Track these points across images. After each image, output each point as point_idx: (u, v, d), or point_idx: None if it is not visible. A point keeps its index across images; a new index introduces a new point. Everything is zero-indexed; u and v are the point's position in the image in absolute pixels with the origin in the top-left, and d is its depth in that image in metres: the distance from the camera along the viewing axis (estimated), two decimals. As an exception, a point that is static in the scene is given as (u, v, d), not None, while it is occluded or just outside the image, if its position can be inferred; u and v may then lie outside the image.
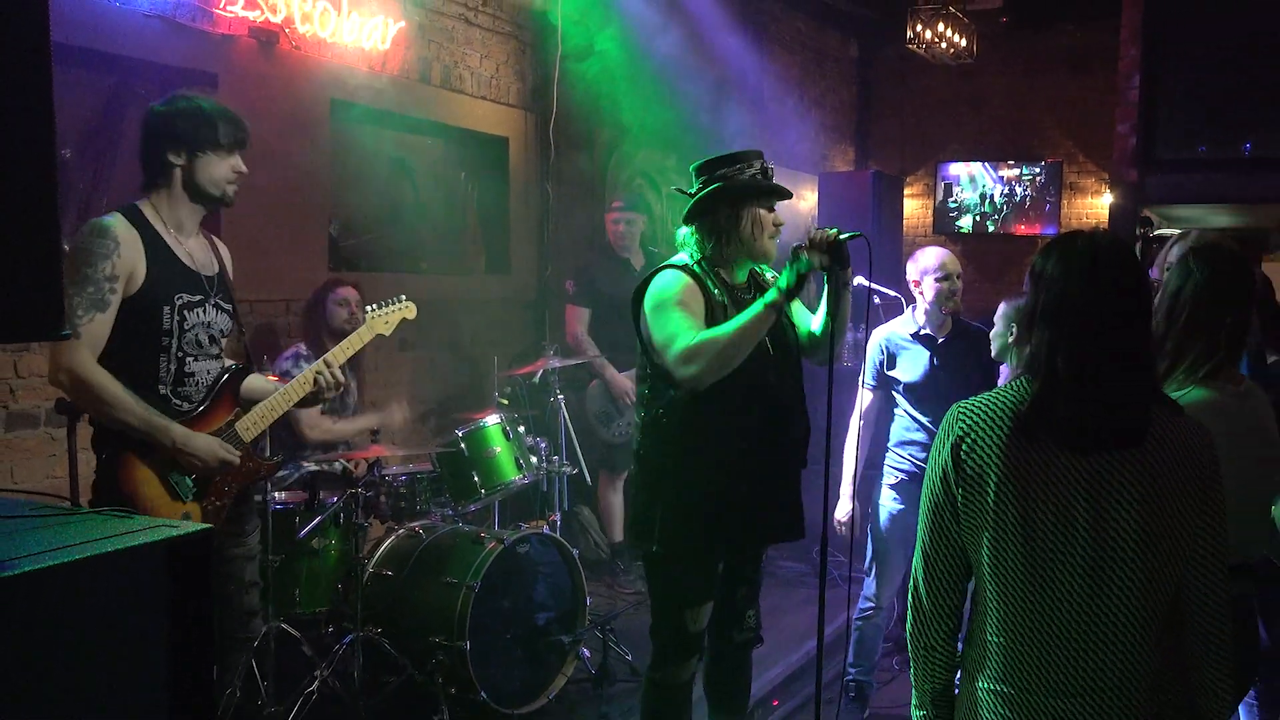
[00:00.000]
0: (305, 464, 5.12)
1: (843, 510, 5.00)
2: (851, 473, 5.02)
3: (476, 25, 7.19)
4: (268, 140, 5.71)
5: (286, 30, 5.75)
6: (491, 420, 5.32)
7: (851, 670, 5.12)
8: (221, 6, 5.44)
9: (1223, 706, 2.35)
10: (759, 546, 3.99)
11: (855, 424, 4.99)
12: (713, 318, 3.57)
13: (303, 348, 5.33)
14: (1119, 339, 2.25)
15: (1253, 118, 9.49)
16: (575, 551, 5.25)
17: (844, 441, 5.03)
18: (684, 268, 3.67)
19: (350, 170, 6.47)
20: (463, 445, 5.19)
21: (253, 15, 5.57)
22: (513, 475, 5.29)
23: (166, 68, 5.27)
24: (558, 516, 5.89)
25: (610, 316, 6.65)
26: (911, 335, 4.91)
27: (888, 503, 4.98)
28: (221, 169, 3.58)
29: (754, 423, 3.66)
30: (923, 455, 4.83)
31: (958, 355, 4.90)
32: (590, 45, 7.41)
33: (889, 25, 10.79)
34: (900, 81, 12.15)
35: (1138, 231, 10.80)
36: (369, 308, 4.27)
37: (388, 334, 4.32)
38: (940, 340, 4.84)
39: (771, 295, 3.47)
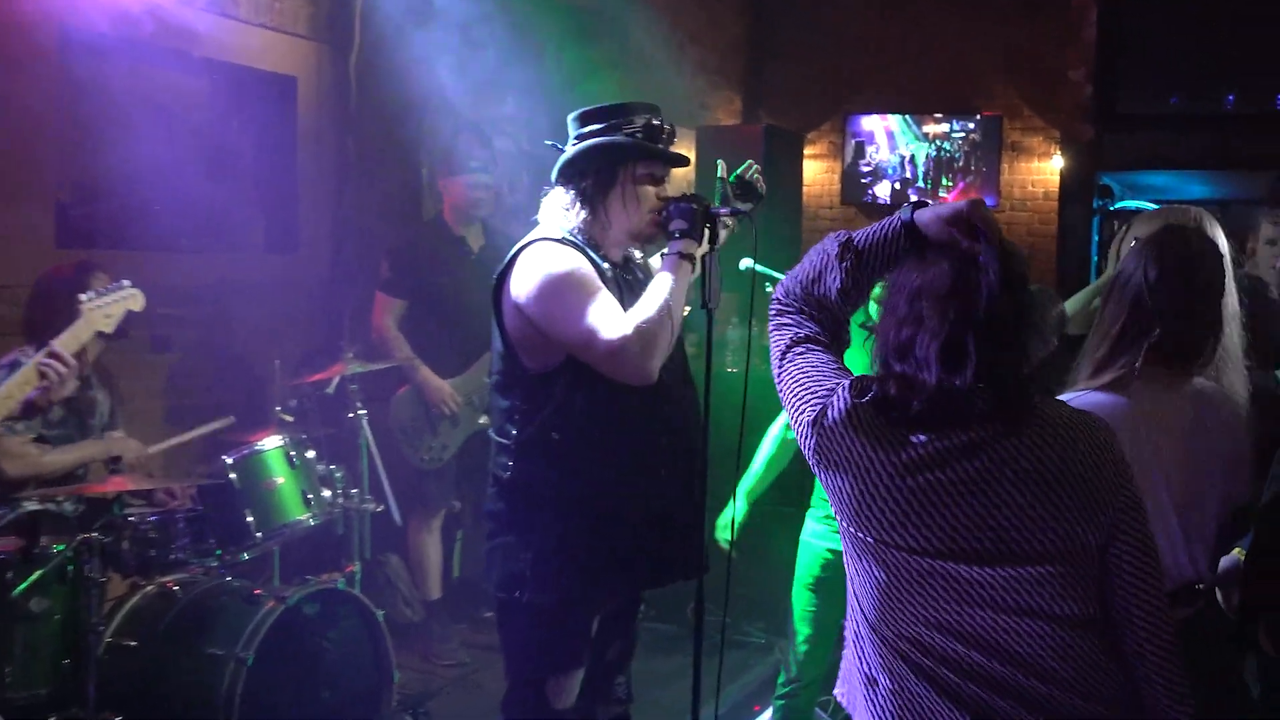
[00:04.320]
0: (24, 503, 5.01)
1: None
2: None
3: (254, -70, 7.15)
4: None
5: (-2, -67, 5.66)
6: (271, 443, 5.34)
7: None
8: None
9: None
10: (654, 586, 4.03)
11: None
12: None
13: (28, 353, 5.17)
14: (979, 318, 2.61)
15: (1238, 65, 9.68)
16: (380, 613, 5.31)
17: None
18: (560, 240, 3.69)
19: (87, 118, 6.39)
20: (233, 475, 5.18)
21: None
22: (298, 514, 5.32)
23: None
24: (357, 567, 5.92)
25: (433, 309, 6.72)
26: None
27: (815, 540, 4.87)
28: None
29: (658, 432, 3.75)
30: None
31: None
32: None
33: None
34: (802, 14, 12.23)
35: (1095, 204, 11.01)
36: (83, 296, 4.28)
37: (109, 330, 4.34)
38: None
39: (686, 245, 3.61)
